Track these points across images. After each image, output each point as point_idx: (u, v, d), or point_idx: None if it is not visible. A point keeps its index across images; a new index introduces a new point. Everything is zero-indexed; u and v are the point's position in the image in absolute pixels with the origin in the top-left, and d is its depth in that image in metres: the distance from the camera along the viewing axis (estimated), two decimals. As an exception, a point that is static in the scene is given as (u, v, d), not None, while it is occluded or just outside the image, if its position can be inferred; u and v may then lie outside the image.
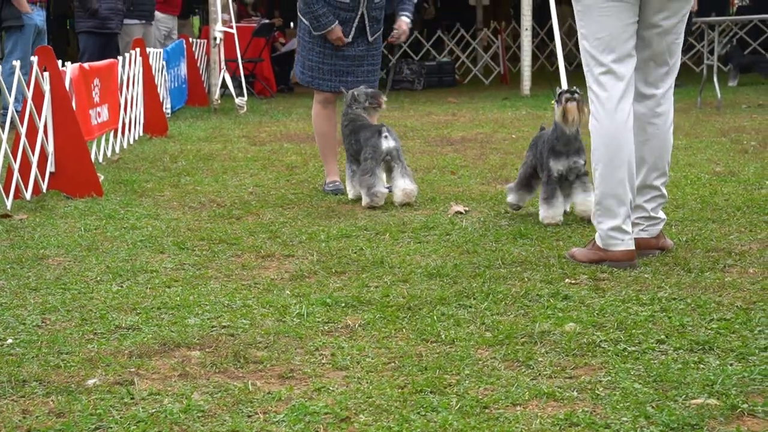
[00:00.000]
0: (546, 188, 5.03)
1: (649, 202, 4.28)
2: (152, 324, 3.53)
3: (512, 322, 3.47)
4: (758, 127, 8.75)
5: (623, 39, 4.11)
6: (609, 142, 4.12)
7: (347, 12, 6.07)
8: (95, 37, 10.17)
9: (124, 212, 5.57)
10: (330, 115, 6.30)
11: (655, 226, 4.27)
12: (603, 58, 4.13)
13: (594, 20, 4.14)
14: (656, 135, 4.22)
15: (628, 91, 4.14)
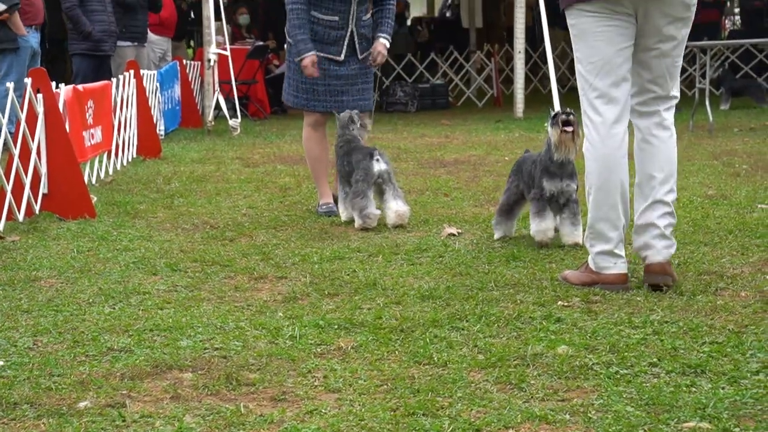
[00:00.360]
0: (537, 204, 5.03)
1: (661, 219, 4.14)
2: (144, 346, 3.52)
3: (505, 344, 3.47)
4: (750, 150, 8.79)
5: (617, 63, 4.11)
6: (602, 167, 4.12)
7: (337, 30, 6.10)
8: (89, 59, 10.19)
9: (117, 234, 5.56)
10: (321, 137, 6.32)
11: (669, 249, 4.14)
12: (597, 82, 4.13)
13: (588, 44, 4.14)
14: (660, 148, 4.16)
15: (623, 115, 4.14)
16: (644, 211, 4.17)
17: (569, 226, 5.06)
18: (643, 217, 4.17)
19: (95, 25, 10.10)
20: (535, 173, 5.08)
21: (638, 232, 4.20)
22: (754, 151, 8.70)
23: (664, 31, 4.11)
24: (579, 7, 4.11)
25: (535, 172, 5.09)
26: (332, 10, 6.08)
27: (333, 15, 6.08)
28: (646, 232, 4.16)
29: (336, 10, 6.08)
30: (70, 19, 10.15)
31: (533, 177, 5.09)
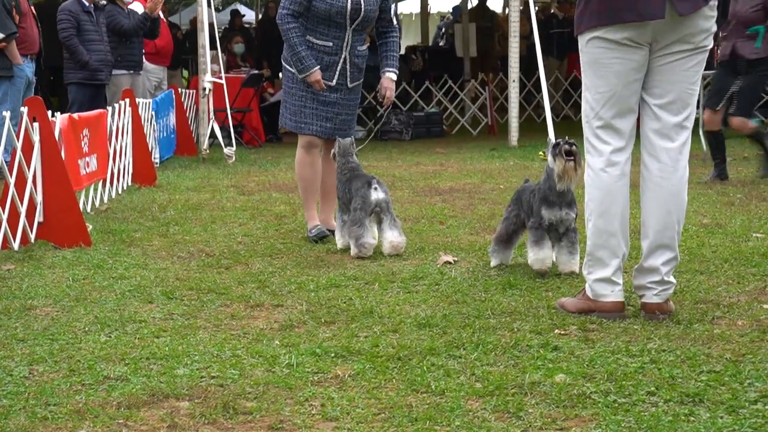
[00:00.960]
0: (535, 233, 5.02)
1: (665, 265, 4.11)
2: (141, 374, 3.51)
3: (502, 372, 3.46)
4: (744, 179, 8.82)
5: (625, 95, 4.10)
6: (603, 195, 4.12)
7: (330, 56, 6.12)
8: (85, 88, 10.20)
9: (113, 262, 5.55)
10: (313, 161, 6.33)
11: (666, 291, 4.14)
12: (603, 112, 4.12)
13: (598, 74, 4.12)
14: (671, 192, 4.10)
15: (627, 145, 4.13)
16: (649, 254, 4.13)
17: (566, 255, 5.06)
18: (648, 260, 4.13)
19: (92, 55, 10.12)
20: (533, 202, 5.09)
21: (640, 272, 4.17)
22: (747, 180, 8.73)
23: (678, 56, 4.07)
24: (593, 34, 4.09)
25: (533, 201, 5.09)
26: (327, 36, 6.10)
27: (327, 41, 6.11)
28: (646, 276, 4.14)
29: (331, 36, 6.11)
30: (68, 48, 10.17)
31: (532, 206, 5.09)
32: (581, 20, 4.14)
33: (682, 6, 3.98)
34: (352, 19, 6.08)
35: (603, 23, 4.04)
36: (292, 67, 6.17)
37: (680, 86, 4.10)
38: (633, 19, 3.99)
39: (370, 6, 6.13)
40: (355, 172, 5.90)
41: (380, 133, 14.35)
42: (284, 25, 6.07)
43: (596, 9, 4.06)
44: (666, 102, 4.11)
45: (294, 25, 6.04)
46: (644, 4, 3.97)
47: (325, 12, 6.02)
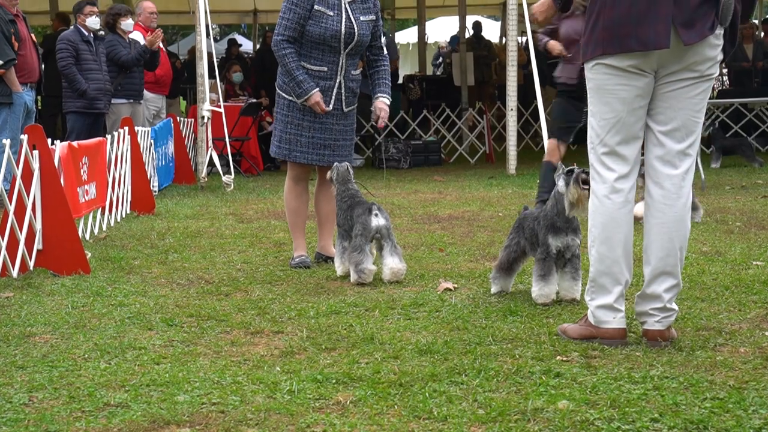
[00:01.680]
0: (543, 265, 4.99)
1: (668, 292, 4.10)
2: (141, 401, 3.49)
3: (505, 399, 3.45)
4: (742, 208, 8.83)
5: (630, 122, 4.10)
6: (607, 221, 4.11)
7: (325, 80, 6.13)
8: (83, 117, 10.21)
9: (112, 289, 5.53)
10: (302, 192, 6.33)
11: (668, 318, 4.13)
12: (608, 139, 4.12)
13: (604, 101, 4.13)
14: (674, 219, 4.10)
15: (631, 172, 4.13)
16: (651, 281, 4.12)
17: (570, 281, 5.04)
18: (650, 287, 4.12)
19: (90, 83, 10.15)
20: (538, 230, 5.05)
21: (642, 299, 4.16)
22: (746, 209, 8.74)
23: (683, 83, 4.08)
24: (600, 61, 4.10)
25: (538, 228, 5.06)
26: (321, 61, 6.12)
27: (322, 65, 6.12)
28: (649, 303, 4.13)
29: (325, 61, 6.12)
30: (66, 77, 10.20)
31: (536, 234, 5.07)
32: (587, 48, 4.15)
33: (688, 35, 3.99)
34: (346, 43, 6.10)
35: (608, 51, 4.05)
36: (287, 95, 6.17)
37: (685, 113, 4.10)
38: (638, 48, 4.00)
39: (363, 30, 6.16)
40: (356, 198, 5.90)
41: (378, 161, 14.37)
42: (280, 51, 6.08)
43: (601, 37, 4.07)
44: (670, 129, 4.11)
45: (290, 50, 6.06)
46: (649, 33, 3.98)
47: (320, 36, 6.04)
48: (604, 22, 4.06)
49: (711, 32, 4.01)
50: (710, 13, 4.00)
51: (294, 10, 6.05)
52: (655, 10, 3.97)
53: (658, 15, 3.97)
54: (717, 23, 4.02)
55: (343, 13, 6.09)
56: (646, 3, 3.98)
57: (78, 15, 10.38)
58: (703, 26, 3.99)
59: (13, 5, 9.42)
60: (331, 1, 6.08)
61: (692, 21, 3.99)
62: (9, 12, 9.29)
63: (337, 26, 6.05)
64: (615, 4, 4.03)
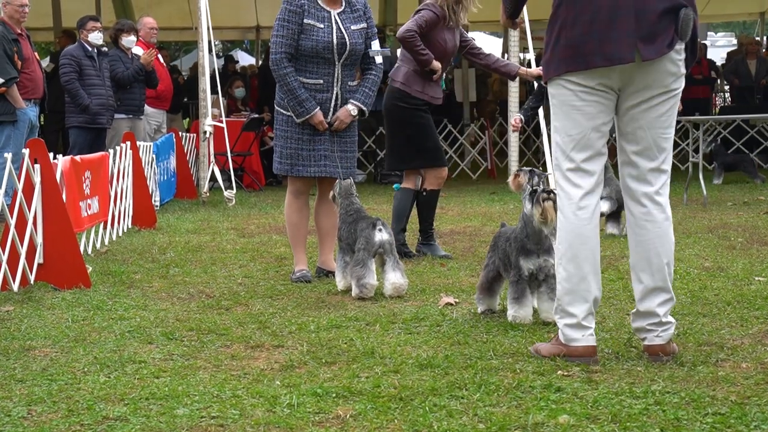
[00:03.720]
0: (516, 288, 4.90)
1: (661, 306, 4.09)
2: (140, 415, 3.48)
3: (505, 413, 3.43)
4: (744, 224, 8.82)
5: (595, 138, 4.09)
6: (574, 238, 4.08)
7: (322, 93, 6.14)
8: (86, 132, 10.24)
9: (112, 303, 5.53)
10: (302, 206, 6.33)
11: (667, 331, 4.10)
12: (573, 155, 4.10)
13: (568, 117, 4.11)
14: (657, 234, 4.09)
15: (596, 188, 4.11)
16: (644, 298, 4.10)
17: (547, 302, 4.88)
18: (643, 304, 4.11)
19: (93, 99, 10.17)
20: (510, 252, 4.95)
21: (638, 316, 4.14)
22: (748, 225, 8.72)
23: (649, 102, 4.08)
24: (563, 77, 4.09)
25: (510, 250, 4.96)
26: (317, 74, 6.13)
27: (318, 78, 6.13)
28: (645, 319, 4.11)
29: (320, 74, 6.13)
30: (68, 92, 10.22)
31: (508, 255, 4.97)
32: (550, 66, 4.13)
33: (647, 51, 3.98)
34: (339, 54, 6.11)
35: (572, 69, 4.05)
36: (285, 110, 6.18)
37: (654, 132, 4.10)
38: (601, 63, 3.99)
39: (355, 39, 6.17)
40: (361, 213, 5.90)
41: (380, 176, 14.38)
42: (280, 69, 6.08)
43: (564, 55, 4.06)
44: (641, 148, 4.12)
45: (290, 69, 6.07)
46: (613, 49, 3.98)
47: (312, 49, 6.05)
48: (566, 40, 4.06)
49: (670, 49, 4.00)
50: (670, 28, 4.00)
51: (286, 26, 6.07)
52: (617, 26, 3.97)
53: (620, 31, 3.97)
54: (677, 39, 4.01)
55: (333, 25, 6.11)
56: (607, 20, 3.98)
57: (81, 30, 10.42)
58: (663, 42, 3.99)
59: (19, 23, 9.45)
60: (321, 14, 6.11)
61: (652, 36, 3.98)
62: (13, 31, 9.33)
63: (328, 38, 6.07)
64: (576, 22, 4.03)
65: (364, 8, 6.31)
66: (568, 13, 4.06)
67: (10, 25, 9.33)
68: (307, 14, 6.07)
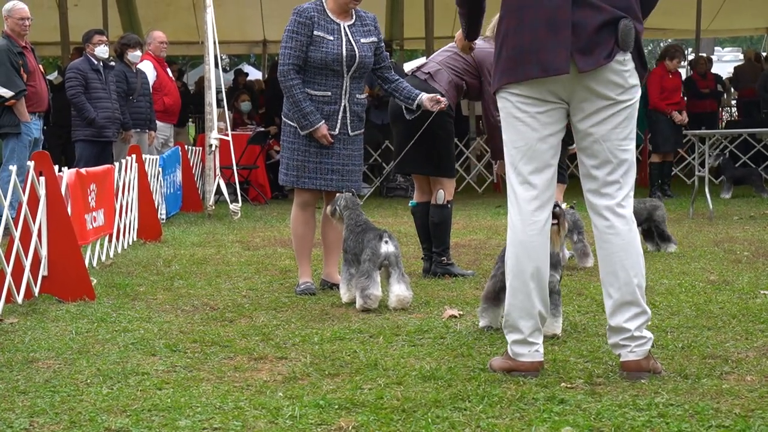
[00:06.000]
0: None
1: (631, 321, 4.01)
2: (142, 426, 3.47)
3: (508, 425, 3.42)
4: (750, 238, 8.80)
5: (542, 150, 4.05)
6: (520, 253, 4.06)
7: (330, 105, 6.14)
8: (92, 146, 10.27)
9: (116, 315, 5.53)
10: (308, 219, 6.33)
11: (642, 347, 4.03)
12: (521, 167, 4.07)
13: (514, 129, 4.09)
14: (621, 246, 4.03)
15: (546, 203, 4.08)
16: (613, 313, 4.05)
17: (550, 317, 4.77)
18: (613, 319, 4.06)
19: (99, 112, 10.21)
20: None
21: (610, 331, 4.10)
22: (754, 239, 8.70)
23: (599, 115, 4.03)
24: (508, 89, 4.07)
25: None
26: (325, 86, 6.13)
27: (326, 90, 6.13)
28: (616, 335, 4.06)
29: (329, 86, 6.13)
30: (74, 105, 10.26)
31: None
32: (495, 77, 4.14)
33: (584, 62, 3.96)
34: (348, 66, 6.12)
35: (512, 80, 4.04)
36: (293, 122, 6.19)
37: (610, 144, 4.05)
38: (539, 74, 3.97)
39: (365, 52, 6.17)
40: (368, 225, 5.91)
41: (385, 190, 14.39)
42: (287, 81, 6.09)
43: (506, 66, 4.06)
44: (599, 162, 4.07)
45: (297, 81, 6.08)
46: (549, 59, 3.96)
47: (321, 60, 6.06)
48: (507, 51, 4.06)
49: (608, 60, 3.96)
50: (609, 39, 3.97)
51: (295, 38, 6.07)
52: (555, 37, 3.96)
53: (557, 41, 3.95)
54: (617, 50, 3.97)
55: (343, 37, 6.11)
56: (545, 31, 3.97)
57: (87, 44, 10.47)
58: (600, 54, 3.95)
59: (22, 36, 9.50)
60: (330, 26, 6.11)
61: (589, 48, 3.96)
62: (17, 44, 9.37)
63: (338, 50, 6.07)
64: (517, 33, 4.03)
65: (374, 23, 6.33)
66: (509, 25, 4.07)
67: (14, 38, 9.38)
68: (317, 26, 6.08)
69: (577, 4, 3.97)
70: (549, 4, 3.98)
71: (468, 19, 4.63)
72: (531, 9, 4.01)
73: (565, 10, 3.96)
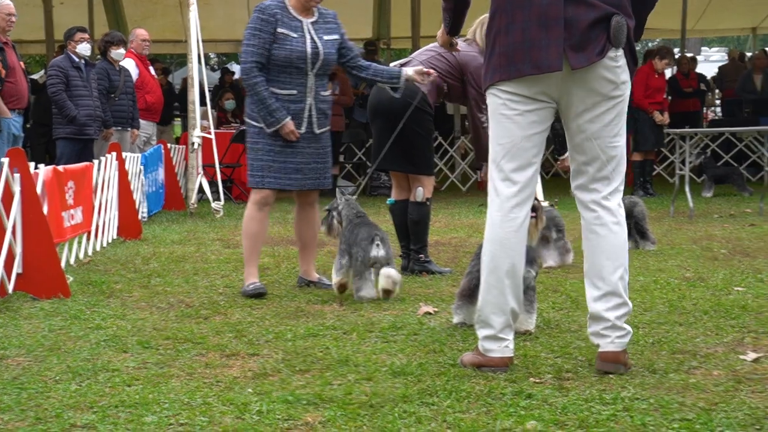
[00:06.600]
0: None
1: (612, 311, 4.04)
2: (108, 422, 3.46)
3: (474, 419, 3.43)
4: (729, 236, 8.84)
5: (525, 148, 4.06)
6: (497, 249, 4.07)
7: (296, 103, 6.08)
8: (73, 143, 10.24)
9: (90, 313, 5.51)
10: (264, 218, 6.24)
11: (622, 339, 4.05)
12: (503, 164, 4.08)
13: (500, 125, 4.09)
14: (608, 238, 4.06)
15: (526, 200, 4.08)
16: (595, 301, 4.07)
17: (524, 314, 4.76)
18: (594, 307, 4.07)
19: (80, 110, 10.18)
20: None
21: (591, 320, 4.12)
22: (732, 237, 8.74)
23: (591, 112, 4.05)
24: (498, 87, 4.07)
25: None
26: (290, 84, 6.06)
27: (291, 89, 6.07)
28: (597, 323, 4.08)
29: (294, 84, 6.07)
30: (56, 103, 10.23)
31: None
32: (486, 75, 4.12)
33: (576, 59, 3.96)
34: (312, 64, 6.06)
35: (504, 77, 4.03)
36: (257, 123, 6.09)
37: (601, 142, 4.06)
38: (531, 71, 3.97)
39: (328, 49, 6.13)
40: (364, 219, 6.04)
41: (369, 188, 14.39)
42: (251, 79, 6.01)
43: (497, 63, 4.06)
44: (590, 158, 4.09)
45: (261, 78, 6.00)
46: (542, 57, 3.95)
47: (286, 58, 6.00)
48: (499, 48, 4.05)
49: (600, 57, 3.96)
50: (601, 36, 3.97)
51: (258, 35, 6.00)
52: (547, 34, 3.96)
53: (550, 39, 3.95)
54: (609, 46, 3.98)
55: (306, 34, 6.08)
56: (537, 28, 3.97)
57: (69, 41, 10.43)
58: (593, 50, 3.95)
59: (5, 32, 9.47)
60: (294, 24, 6.07)
61: (582, 44, 3.96)
62: (-2, 40, 9.35)
63: (302, 47, 6.02)
64: (509, 31, 4.02)
65: (336, 20, 6.28)
66: (501, 22, 4.06)
67: (-7, 35, 9.35)
68: (280, 23, 6.02)
69: (569, 0, 3.96)
70: (541, 1, 3.97)
71: (453, 13, 4.59)
72: (523, 6, 4.00)
73: (557, 7, 3.96)
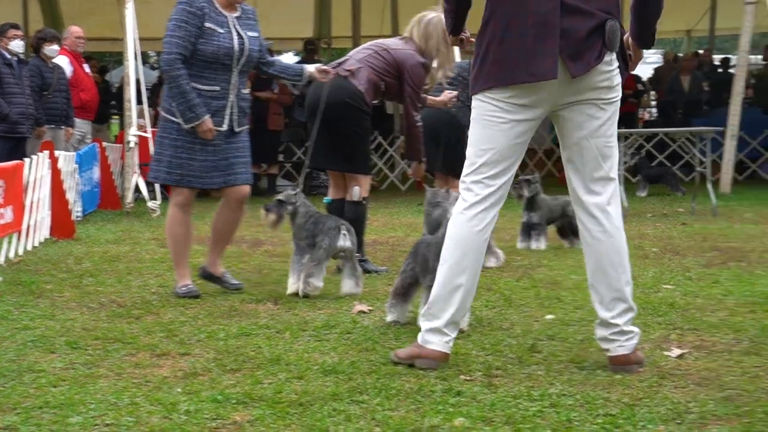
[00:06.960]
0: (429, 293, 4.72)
1: (620, 317, 4.09)
2: (31, 424, 3.42)
3: (402, 417, 3.45)
4: (660, 235, 8.98)
5: (507, 155, 4.09)
6: (458, 246, 4.09)
7: (218, 100, 5.93)
8: (4, 142, 10.05)
9: (18, 313, 5.42)
10: (186, 220, 6.13)
11: (630, 341, 4.10)
12: (482, 168, 4.10)
13: (486, 130, 4.10)
14: (611, 244, 4.10)
15: (497, 202, 4.12)
16: (602, 308, 4.11)
17: None
18: (603, 314, 4.11)
19: (12, 107, 10.01)
20: (429, 257, 4.87)
21: (599, 326, 4.15)
22: (664, 236, 8.89)
23: (589, 114, 4.07)
24: (489, 93, 4.07)
25: (429, 255, 4.87)
26: (214, 81, 5.91)
27: (214, 85, 5.91)
28: (606, 329, 4.12)
29: (218, 80, 5.92)
30: (-13, 100, 10.05)
31: (427, 260, 4.91)
32: (476, 81, 4.11)
33: (575, 68, 3.98)
34: (237, 60, 5.94)
35: (498, 85, 4.04)
36: (175, 118, 5.91)
37: (597, 142, 4.09)
38: (527, 79, 3.99)
39: (253, 46, 6.03)
40: (321, 215, 6.12)
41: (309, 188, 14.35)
42: (173, 71, 5.81)
43: (490, 71, 4.06)
44: (587, 158, 4.11)
45: (184, 71, 5.81)
46: (538, 66, 3.97)
47: (213, 54, 5.85)
48: (493, 55, 4.05)
49: (598, 62, 4.00)
50: (597, 42, 4.00)
51: (184, 27, 5.83)
52: (543, 43, 3.97)
53: (546, 48, 3.96)
54: (605, 51, 4.02)
55: (233, 30, 5.98)
56: (533, 37, 3.98)
57: (1, 38, 10.24)
58: (590, 57, 3.99)
59: None
60: (220, 19, 5.94)
61: (579, 53, 3.98)
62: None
63: (230, 43, 5.90)
64: (504, 39, 4.03)
65: (255, 16, 6.19)
66: (496, 29, 4.04)
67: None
68: (207, 18, 5.86)
69: (566, 10, 3.96)
70: (538, 9, 3.96)
71: (455, 15, 4.51)
72: (519, 14, 3.99)
73: (554, 17, 3.95)
